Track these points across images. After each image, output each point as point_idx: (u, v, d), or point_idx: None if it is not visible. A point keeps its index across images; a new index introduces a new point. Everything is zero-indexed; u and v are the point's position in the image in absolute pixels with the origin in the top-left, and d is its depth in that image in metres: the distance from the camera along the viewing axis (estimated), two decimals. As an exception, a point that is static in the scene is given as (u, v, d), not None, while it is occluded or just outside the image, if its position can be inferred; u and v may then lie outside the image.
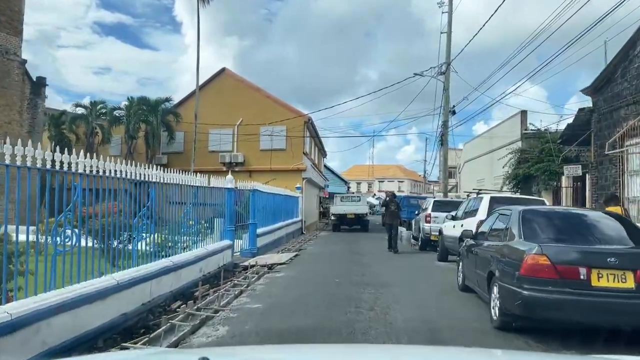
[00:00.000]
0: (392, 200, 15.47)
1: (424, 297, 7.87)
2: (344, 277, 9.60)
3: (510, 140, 20.75)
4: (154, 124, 26.75)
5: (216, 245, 10.69)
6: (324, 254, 14.43)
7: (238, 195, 14.46)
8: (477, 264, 7.13)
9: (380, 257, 13.60)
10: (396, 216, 15.33)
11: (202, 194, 10.31)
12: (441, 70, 23.93)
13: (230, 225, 11.97)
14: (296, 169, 26.55)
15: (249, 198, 14.70)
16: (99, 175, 6.18)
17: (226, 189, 11.94)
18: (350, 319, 6.18)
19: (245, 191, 14.47)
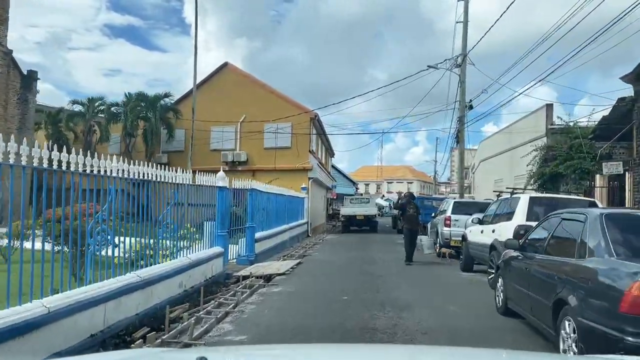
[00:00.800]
0: (409, 201, 13.12)
1: (457, 325, 6.08)
2: (353, 294, 7.84)
3: (534, 136, 18.86)
4: (153, 121, 25.16)
5: (202, 254, 8.97)
6: (330, 262, 12.66)
7: (237, 195, 12.78)
8: (530, 284, 5.36)
9: (395, 266, 11.81)
10: (416, 221, 13.06)
11: (185, 194, 8.59)
12: (457, 63, 22.13)
13: (222, 229, 10.26)
14: (302, 168, 24.83)
15: (247, 199, 13.00)
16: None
17: (217, 187, 10.23)
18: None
19: (242, 191, 12.78)
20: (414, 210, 12.96)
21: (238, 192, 12.82)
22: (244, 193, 12.97)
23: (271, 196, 15.95)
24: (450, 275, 10.44)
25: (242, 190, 12.82)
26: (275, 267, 11.14)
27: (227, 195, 11.14)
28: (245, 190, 12.89)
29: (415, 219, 12.96)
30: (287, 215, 18.72)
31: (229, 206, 11.33)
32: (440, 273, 10.82)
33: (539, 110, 19.06)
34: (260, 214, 14.35)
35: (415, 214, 12.95)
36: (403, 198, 13.39)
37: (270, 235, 14.66)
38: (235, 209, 12.95)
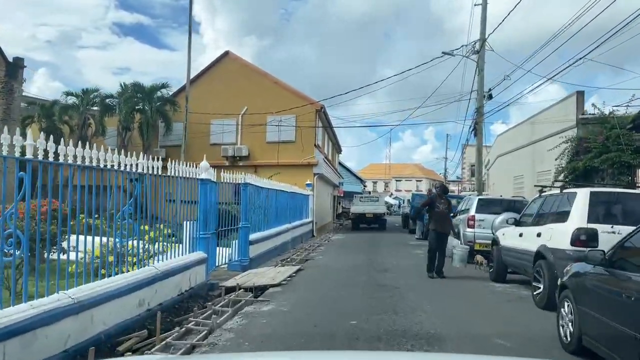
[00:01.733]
0: (440, 195, 10.15)
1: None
2: (363, 317, 5.94)
3: (563, 127, 16.82)
4: (149, 113, 23.41)
5: (175, 262, 7.14)
6: (335, 268, 10.74)
7: (236, 191, 10.99)
8: (632, 320, 3.45)
9: (411, 275, 9.89)
10: (447, 222, 10.05)
11: (152, 186, 6.76)
12: (474, 49, 20.16)
13: (204, 230, 8.42)
14: (307, 163, 22.97)
15: (240, 195, 11.17)
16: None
17: (198, 180, 8.40)
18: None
19: (235, 186, 10.95)
20: (445, 206, 9.90)
21: (236, 188, 11.02)
22: (238, 188, 11.15)
23: (270, 192, 14.12)
24: (480, 288, 8.50)
25: (234, 186, 11.00)
26: (270, 276, 9.28)
27: (213, 190, 9.32)
28: (239, 185, 11.05)
29: (446, 219, 9.98)
30: (289, 214, 16.89)
31: (214, 203, 9.51)
32: (468, 285, 8.88)
33: (568, 98, 17.03)
34: (257, 212, 12.53)
35: (446, 211, 9.95)
36: (435, 188, 10.57)
37: (268, 236, 12.82)
38: (230, 206, 11.15)
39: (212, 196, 9.41)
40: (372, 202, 28.59)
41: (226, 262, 10.60)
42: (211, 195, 9.23)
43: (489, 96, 19.45)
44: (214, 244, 9.54)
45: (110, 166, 5.57)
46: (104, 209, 5.82)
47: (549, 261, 6.62)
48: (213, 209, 9.54)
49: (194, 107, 24.31)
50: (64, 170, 4.84)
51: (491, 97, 19.42)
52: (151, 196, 6.85)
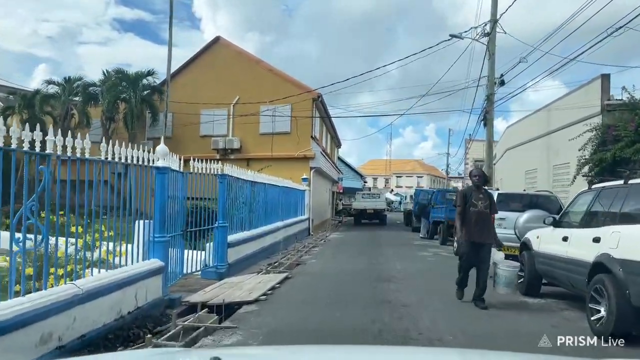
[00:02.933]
0: (479, 187, 6.85)
1: None
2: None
3: (585, 115, 14.94)
4: (133, 102, 21.51)
5: (109, 277, 5.27)
6: (329, 276, 8.86)
7: (226, 184, 9.13)
8: None
9: (422, 285, 8.02)
10: (489, 226, 6.76)
11: (75, 174, 4.89)
12: (484, 31, 18.25)
13: (161, 232, 6.55)
14: (302, 156, 21.10)
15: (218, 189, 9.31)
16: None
17: (153, 169, 6.52)
18: None
19: (211, 177, 9.09)
20: (485, 204, 6.62)
21: (206, 178, 9.15)
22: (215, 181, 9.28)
23: (258, 186, 12.27)
24: (512, 303, 6.63)
25: (212, 177, 9.15)
26: (248, 288, 7.42)
27: (179, 181, 7.47)
28: (216, 176, 9.18)
29: (487, 223, 6.65)
30: (281, 211, 15.04)
31: (182, 198, 7.66)
32: (496, 297, 6.99)
33: (592, 82, 15.10)
34: (240, 209, 10.68)
35: (487, 211, 6.65)
36: (472, 177, 7.02)
37: (253, 237, 10.96)
38: (208, 202, 9.29)
39: (178, 189, 7.59)
40: (372, 198, 29.48)
41: (200, 269, 8.77)
42: (175, 188, 7.40)
43: (501, 82, 17.54)
44: (181, 246, 7.72)
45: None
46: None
47: (616, 277, 4.76)
48: (179, 205, 7.72)
49: (182, 96, 22.48)
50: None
51: (503, 84, 17.51)
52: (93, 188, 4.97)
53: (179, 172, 7.56)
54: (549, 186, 17.41)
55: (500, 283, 6.99)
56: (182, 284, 8.15)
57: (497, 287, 7.01)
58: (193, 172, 8.21)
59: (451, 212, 16.03)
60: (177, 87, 23.25)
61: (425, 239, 17.86)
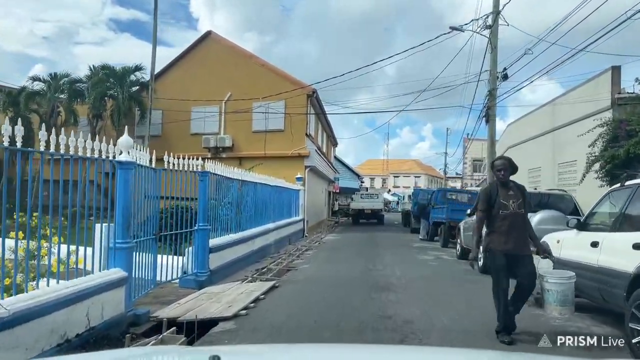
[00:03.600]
0: (505, 183, 4.98)
1: None
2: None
3: (594, 110, 14.06)
4: (120, 99, 20.54)
5: (49, 294, 4.32)
6: (322, 284, 7.88)
7: (207, 182, 8.18)
8: None
9: (426, 296, 7.07)
10: (525, 231, 5.01)
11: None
12: (486, 24, 17.33)
13: (124, 237, 5.60)
14: (297, 154, 20.17)
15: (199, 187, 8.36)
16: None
17: (116, 164, 5.57)
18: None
19: (192, 175, 8.15)
20: (517, 202, 4.89)
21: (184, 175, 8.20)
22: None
23: (247, 186, 11.35)
24: (533, 318, 5.69)
25: (193, 175, 8.21)
26: (228, 299, 6.48)
27: (147, 178, 6.54)
28: (196, 174, 8.24)
29: (522, 227, 4.96)
30: (273, 211, 14.10)
31: (154, 197, 6.73)
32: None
33: (601, 75, 14.23)
34: (226, 210, 9.75)
35: (521, 211, 4.92)
36: (497, 171, 5.11)
37: (239, 240, 10.01)
38: (190, 202, 8.35)
39: (149, 188, 6.66)
40: (370, 199, 29.91)
41: (178, 276, 7.84)
42: (145, 186, 6.47)
43: (504, 76, 16.63)
44: (153, 252, 6.79)
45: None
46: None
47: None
48: (151, 206, 6.79)
49: (172, 92, 21.53)
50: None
51: (506, 78, 16.59)
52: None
53: (149, 169, 6.63)
54: (554, 185, 16.53)
55: (551, 301, 5.35)
56: (156, 295, 7.22)
57: (548, 306, 5.36)
58: (168, 169, 7.26)
59: (453, 212, 15.12)
60: (167, 83, 22.31)
61: (425, 241, 16.94)
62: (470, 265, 5.50)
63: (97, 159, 5.27)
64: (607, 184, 12.92)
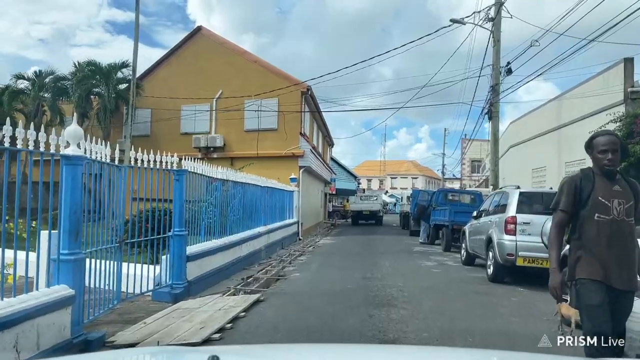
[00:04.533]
0: (609, 173, 3.11)
1: None
2: None
3: (604, 106, 13.16)
4: (106, 97, 19.55)
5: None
6: (313, 298, 6.88)
7: (184, 182, 7.21)
8: None
9: (435, 313, 6.09)
10: (631, 249, 3.07)
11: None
12: (488, 16, 16.44)
13: (72, 248, 4.61)
14: (291, 154, 19.19)
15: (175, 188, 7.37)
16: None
17: (63, 158, 4.59)
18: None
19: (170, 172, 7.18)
20: (625, 205, 3.04)
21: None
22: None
23: (235, 186, 10.39)
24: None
25: (170, 173, 7.24)
26: (202, 319, 5.49)
27: (110, 176, 5.56)
28: (172, 172, 7.26)
29: (630, 245, 3.07)
30: (265, 214, 13.13)
31: (122, 198, 5.76)
32: (528, 327, 5.07)
33: (613, 68, 13.31)
34: (208, 213, 8.77)
35: (630, 220, 3.06)
36: (600, 155, 3.14)
37: (223, 246, 9.01)
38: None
39: (112, 187, 5.69)
40: (370, 200, 30.40)
41: (152, 288, 6.86)
42: (102, 185, 5.49)
43: (508, 71, 15.72)
44: (118, 261, 5.81)
45: None
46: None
47: None
48: (116, 209, 5.82)
49: (161, 90, 20.58)
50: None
51: (510, 72, 15.70)
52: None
53: (111, 165, 5.64)
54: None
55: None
56: (123, 311, 6.26)
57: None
58: (135, 166, 6.28)
59: (455, 214, 14.15)
60: (156, 81, 21.35)
61: (426, 245, 15.96)
62: (555, 297, 3.28)
63: (39, 152, 4.31)
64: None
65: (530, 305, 6.42)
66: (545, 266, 7.52)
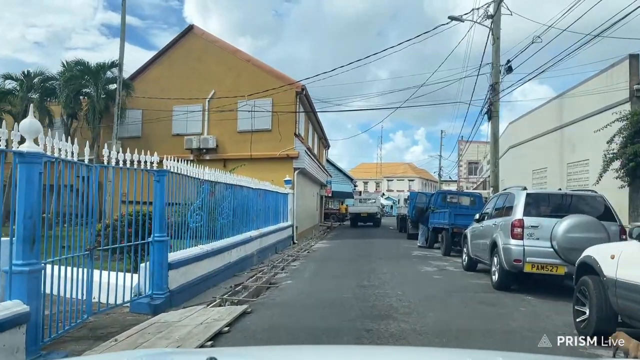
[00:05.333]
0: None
1: None
2: None
3: (609, 104, 12.65)
4: (95, 97, 18.94)
5: None
6: (304, 311, 6.27)
7: (165, 183, 6.66)
8: None
9: (441, 319, 5.56)
10: None
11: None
12: (487, 12, 15.95)
13: (28, 258, 4.03)
14: (285, 155, 18.62)
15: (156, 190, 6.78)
16: None
17: (17, 156, 4.00)
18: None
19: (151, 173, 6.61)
20: None
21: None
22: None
23: (225, 188, 9.83)
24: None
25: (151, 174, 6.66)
26: (179, 335, 4.90)
27: (81, 177, 4.99)
28: (152, 172, 6.68)
29: None
30: (257, 217, 12.56)
31: (95, 200, 5.19)
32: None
33: (618, 65, 12.80)
34: (195, 216, 8.19)
35: None
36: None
37: (210, 252, 8.41)
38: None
39: (83, 188, 5.12)
40: (367, 203, 31.35)
41: (131, 298, 6.28)
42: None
43: (508, 69, 15.21)
44: (89, 268, 5.24)
45: None
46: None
47: None
48: (87, 212, 5.25)
49: (153, 91, 19.99)
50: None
51: (511, 70, 15.18)
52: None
53: (81, 164, 5.06)
54: (563, 187, 15.14)
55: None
56: (96, 325, 5.69)
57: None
58: (110, 166, 5.70)
59: (456, 217, 13.56)
60: (148, 81, 20.76)
61: (425, 249, 15.39)
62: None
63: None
64: (628, 184, 11.54)
65: (542, 318, 5.87)
66: (555, 273, 6.99)
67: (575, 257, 6.79)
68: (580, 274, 5.16)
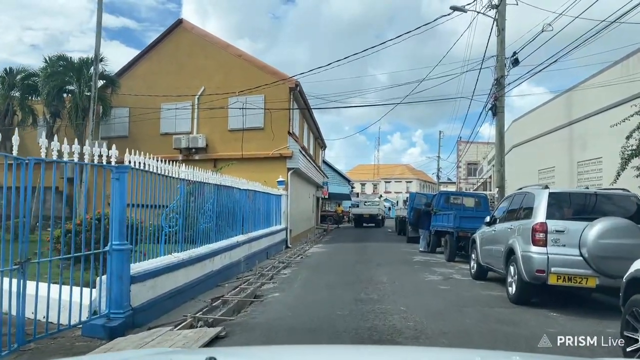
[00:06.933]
0: None
1: None
2: None
3: (624, 98, 11.65)
4: (77, 94, 17.86)
5: None
6: (292, 334, 5.23)
7: (125, 182, 5.67)
8: None
9: (453, 343, 4.52)
10: None
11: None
12: (492, 2, 14.97)
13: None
14: (278, 155, 17.58)
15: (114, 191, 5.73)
16: None
17: None
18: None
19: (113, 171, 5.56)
20: None
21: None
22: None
23: (207, 189, 8.79)
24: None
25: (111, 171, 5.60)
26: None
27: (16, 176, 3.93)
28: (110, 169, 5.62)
29: None
30: (244, 220, 11.50)
31: (26, 204, 4.13)
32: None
33: (633, 55, 11.82)
34: (168, 220, 7.14)
35: None
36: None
37: (186, 261, 7.32)
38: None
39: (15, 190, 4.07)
40: (369, 205, 33.48)
41: (85, 318, 5.23)
42: None
43: (514, 61, 14.20)
44: (18, 288, 4.21)
45: None
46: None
47: None
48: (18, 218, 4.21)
49: (140, 88, 18.93)
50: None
51: (517, 63, 14.16)
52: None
53: (5, 155, 4.01)
54: (573, 187, 14.16)
55: None
56: (35, 353, 4.64)
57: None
58: (47, 160, 4.64)
59: (462, 220, 12.48)
60: (135, 78, 19.70)
61: (426, 254, 14.30)
62: None
63: None
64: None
65: (576, 340, 4.83)
66: (585, 285, 5.95)
67: (609, 267, 5.79)
68: (631, 292, 4.12)
